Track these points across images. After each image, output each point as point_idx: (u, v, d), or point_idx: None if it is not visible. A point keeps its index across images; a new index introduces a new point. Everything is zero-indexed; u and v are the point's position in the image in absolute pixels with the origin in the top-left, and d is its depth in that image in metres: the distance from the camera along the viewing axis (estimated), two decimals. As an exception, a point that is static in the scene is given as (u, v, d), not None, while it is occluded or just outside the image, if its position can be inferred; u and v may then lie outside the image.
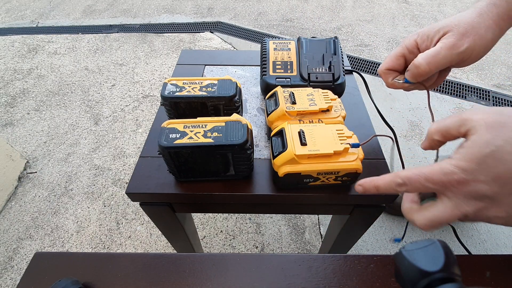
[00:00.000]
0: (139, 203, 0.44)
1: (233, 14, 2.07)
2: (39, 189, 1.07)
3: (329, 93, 0.44)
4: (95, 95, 1.45)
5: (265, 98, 0.49)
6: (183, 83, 0.43)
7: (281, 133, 0.38)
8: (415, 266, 0.17)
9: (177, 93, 0.41)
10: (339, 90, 0.50)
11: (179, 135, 0.35)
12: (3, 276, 0.86)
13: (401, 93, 1.43)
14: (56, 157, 1.17)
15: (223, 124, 0.36)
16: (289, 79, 0.50)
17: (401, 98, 1.40)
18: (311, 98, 0.42)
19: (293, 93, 0.43)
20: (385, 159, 0.45)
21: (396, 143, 0.44)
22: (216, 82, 0.43)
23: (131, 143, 1.22)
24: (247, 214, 0.99)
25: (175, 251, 0.73)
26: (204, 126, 0.36)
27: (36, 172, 1.12)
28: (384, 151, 0.47)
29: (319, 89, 0.44)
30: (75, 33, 1.90)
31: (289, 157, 0.35)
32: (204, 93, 0.41)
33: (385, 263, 0.32)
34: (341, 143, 0.36)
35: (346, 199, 0.42)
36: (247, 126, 0.37)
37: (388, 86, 0.41)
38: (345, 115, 0.43)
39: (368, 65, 1.61)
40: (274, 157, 0.38)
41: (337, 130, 0.38)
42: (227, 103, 0.42)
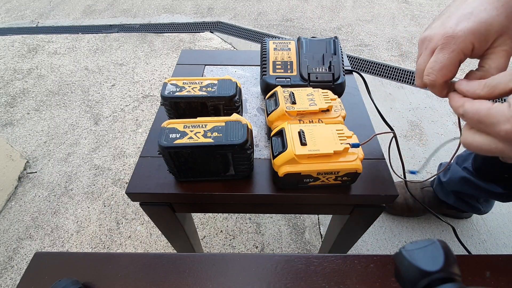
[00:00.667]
0: (139, 203, 0.44)
1: (233, 14, 2.07)
2: (39, 189, 1.07)
3: (329, 93, 0.44)
4: (95, 95, 1.45)
5: (265, 98, 0.49)
6: (183, 83, 0.43)
7: (281, 133, 0.38)
8: (415, 266, 0.17)
9: (177, 93, 0.41)
10: (339, 90, 0.50)
11: (179, 135, 0.35)
12: (3, 276, 0.86)
13: (401, 93, 1.43)
14: (56, 157, 1.17)
15: (223, 124, 0.36)
16: (289, 79, 0.50)
17: (401, 98, 1.40)
18: (311, 98, 0.42)
19: (293, 93, 0.43)
20: (385, 159, 0.45)
21: (396, 143, 0.44)
22: (216, 82, 0.43)
23: (131, 143, 1.22)
24: (247, 214, 0.99)
25: (175, 251, 0.73)
26: (204, 126, 0.36)
27: (36, 172, 1.12)
28: (384, 151, 0.47)
29: (319, 89, 0.44)
30: (75, 33, 1.90)
31: (289, 157, 0.35)
32: (204, 93, 0.41)
33: (385, 263, 0.32)
34: (341, 143, 0.36)
35: (346, 199, 0.42)
36: (247, 126, 0.37)
37: (441, 96, 0.34)
38: (345, 115, 0.43)
39: (368, 65, 1.61)
40: (274, 157, 0.38)
41: (337, 130, 0.38)
42: (227, 103, 0.42)
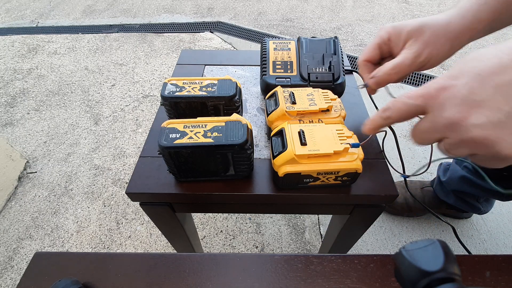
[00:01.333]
0: (139, 203, 0.44)
1: (233, 14, 2.07)
2: (39, 189, 1.07)
3: (329, 93, 0.44)
4: (95, 95, 1.45)
5: (265, 98, 0.49)
6: (183, 83, 0.43)
7: (281, 133, 0.38)
8: (415, 266, 0.17)
9: (177, 93, 0.41)
10: (339, 90, 0.50)
11: (179, 135, 0.35)
12: (3, 276, 0.86)
13: (401, 93, 1.42)
14: (56, 157, 1.17)
15: (223, 124, 0.36)
16: (289, 79, 0.50)
17: (401, 98, 1.41)
18: (311, 98, 0.42)
19: (293, 93, 0.43)
20: (385, 159, 0.45)
21: (396, 143, 0.44)
22: (216, 82, 0.43)
23: (131, 143, 1.22)
24: (247, 214, 0.99)
25: (175, 251, 0.73)
26: (204, 126, 0.36)
27: (36, 172, 1.12)
28: (385, 151, 0.46)
29: (319, 89, 0.44)
30: (75, 33, 1.90)
31: (289, 157, 0.35)
32: (204, 93, 0.41)
33: (385, 263, 0.32)
34: (341, 143, 0.36)
35: (346, 199, 0.42)
36: (247, 126, 0.37)
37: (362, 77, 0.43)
38: (345, 115, 0.43)
39: (368, 65, 1.61)
40: (274, 157, 0.38)
41: (337, 130, 0.38)
42: (227, 103, 0.42)
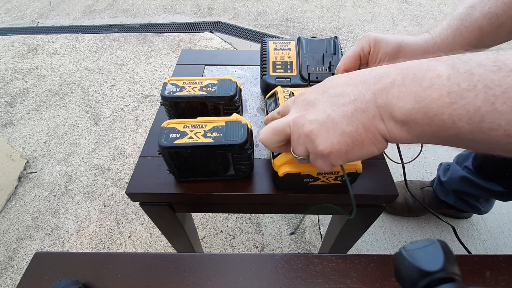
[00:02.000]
0: (139, 203, 0.44)
1: (233, 14, 2.07)
2: (39, 189, 1.07)
3: (329, 93, 0.44)
4: (95, 95, 1.45)
5: (265, 98, 0.49)
6: (183, 83, 0.43)
7: (281, 133, 0.38)
8: (415, 266, 0.17)
9: (177, 93, 0.41)
10: (339, 90, 0.50)
11: (179, 135, 0.35)
12: (3, 276, 0.86)
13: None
14: (56, 157, 1.17)
15: (223, 124, 0.36)
16: (289, 79, 0.50)
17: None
18: (311, 98, 0.42)
19: (293, 93, 0.43)
20: (385, 159, 0.45)
21: (396, 143, 0.44)
22: (216, 82, 0.43)
23: (131, 143, 1.22)
24: (247, 214, 0.99)
25: (175, 251, 0.73)
26: (204, 126, 0.36)
27: (36, 172, 1.12)
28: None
29: (319, 89, 0.44)
30: (75, 33, 1.90)
31: (289, 157, 0.35)
32: (204, 93, 0.41)
33: (385, 263, 0.32)
34: (341, 143, 0.36)
35: (346, 199, 0.42)
36: (247, 126, 0.37)
37: None
38: (345, 115, 0.43)
39: (368, 65, 1.61)
40: (274, 157, 0.38)
41: (337, 130, 0.38)
42: (227, 103, 0.42)
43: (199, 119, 0.37)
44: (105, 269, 0.32)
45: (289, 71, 0.51)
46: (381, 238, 0.92)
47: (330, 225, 0.67)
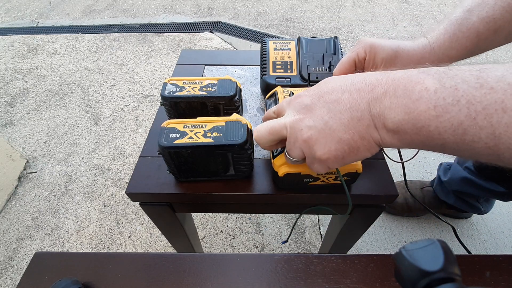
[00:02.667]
0: (139, 203, 0.44)
1: (233, 14, 2.07)
2: (39, 189, 1.07)
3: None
4: (95, 95, 1.45)
5: (265, 98, 0.49)
6: (183, 83, 0.43)
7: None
8: (415, 266, 0.17)
9: (177, 93, 0.41)
10: (339, 90, 0.50)
11: (179, 135, 0.35)
12: (3, 276, 0.86)
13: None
14: (56, 157, 1.17)
15: (223, 124, 0.36)
16: (289, 79, 0.50)
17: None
18: (311, 98, 0.42)
19: (293, 93, 0.43)
20: (385, 159, 0.45)
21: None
22: (216, 82, 0.43)
23: (131, 143, 1.22)
24: (247, 214, 0.99)
25: (175, 251, 0.73)
26: (204, 126, 0.36)
27: (36, 172, 1.12)
28: (385, 148, 0.46)
29: (319, 89, 0.44)
30: (75, 33, 1.90)
31: (289, 157, 0.35)
32: (204, 93, 0.41)
33: (385, 263, 0.32)
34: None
35: (346, 199, 0.42)
36: (247, 126, 0.37)
37: None
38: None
39: (368, 65, 1.61)
40: (274, 157, 0.38)
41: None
42: (227, 103, 0.42)
43: (199, 119, 0.37)
44: (105, 269, 0.32)
45: (289, 71, 0.51)
46: (381, 238, 0.92)
47: (330, 225, 0.67)
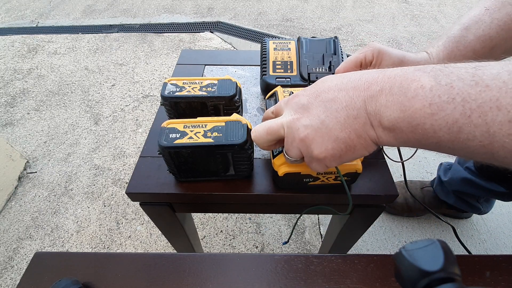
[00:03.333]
0: (139, 203, 0.44)
1: (233, 14, 2.07)
2: (39, 189, 1.07)
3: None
4: (95, 95, 1.45)
5: (265, 98, 0.49)
6: (183, 83, 0.43)
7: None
8: (415, 266, 0.17)
9: (177, 93, 0.41)
10: (339, 90, 0.50)
11: (179, 135, 0.35)
12: (3, 276, 0.86)
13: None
14: (56, 157, 1.17)
15: (223, 124, 0.36)
16: (289, 79, 0.50)
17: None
18: (311, 98, 0.42)
19: (293, 92, 0.43)
20: (385, 159, 0.45)
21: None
22: (216, 82, 0.43)
23: (131, 143, 1.22)
24: (247, 214, 0.99)
25: (175, 251, 0.73)
26: (204, 126, 0.36)
27: (36, 172, 1.12)
28: (384, 147, 0.46)
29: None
30: (75, 33, 1.90)
31: (289, 157, 0.35)
32: (204, 93, 0.41)
33: (385, 263, 0.32)
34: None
35: (345, 198, 0.42)
36: (247, 126, 0.37)
37: None
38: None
39: (368, 65, 1.60)
40: (274, 157, 0.38)
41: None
42: (227, 103, 0.42)
43: (199, 119, 0.37)
44: (105, 269, 0.32)
45: (289, 71, 0.51)
46: (381, 238, 0.92)
47: (330, 225, 0.67)
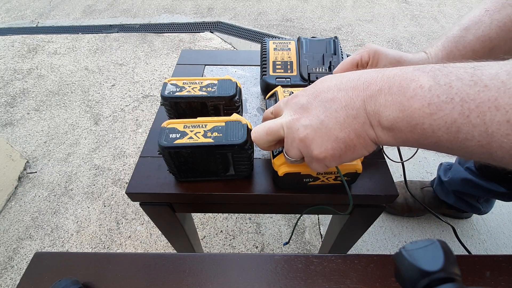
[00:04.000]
0: (139, 203, 0.44)
1: (233, 14, 2.07)
2: (39, 189, 1.07)
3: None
4: (95, 95, 1.45)
5: (265, 98, 0.49)
6: (183, 83, 0.43)
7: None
8: (415, 266, 0.17)
9: (177, 93, 0.41)
10: (339, 90, 0.50)
11: (179, 135, 0.35)
12: (3, 276, 0.86)
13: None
14: (56, 157, 1.17)
15: (223, 124, 0.36)
16: (289, 79, 0.50)
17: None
18: (311, 98, 0.42)
19: (293, 93, 0.43)
20: (385, 159, 0.45)
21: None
22: (216, 82, 0.43)
23: (131, 143, 1.22)
24: (247, 214, 0.99)
25: (175, 251, 0.73)
26: (204, 126, 0.36)
27: (36, 172, 1.12)
28: (384, 147, 0.46)
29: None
30: (75, 33, 1.90)
31: (289, 157, 0.35)
32: (204, 93, 0.41)
33: (385, 263, 0.32)
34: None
35: (345, 198, 0.42)
36: (247, 126, 0.37)
37: None
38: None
39: (368, 65, 1.60)
40: (274, 157, 0.38)
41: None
42: (227, 103, 0.42)
43: (199, 119, 0.37)
44: (105, 269, 0.32)
45: (289, 71, 0.51)
46: (381, 238, 0.92)
47: (330, 225, 0.67)
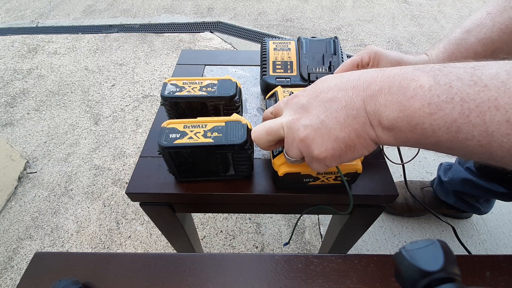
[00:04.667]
0: (139, 203, 0.44)
1: (233, 14, 2.07)
2: (39, 189, 1.07)
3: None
4: (95, 95, 1.45)
5: (265, 98, 0.49)
6: (183, 83, 0.43)
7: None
8: (415, 266, 0.17)
9: (177, 93, 0.41)
10: (339, 90, 0.50)
11: (179, 135, 0.35)
12: (3, 276, 0.86)
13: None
14: (56, 157, 1.17)
15: (223, 124, 0.36)
16: (289, 79, 0.50)
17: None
18: (311, 98, 0.43)
19: (293, 93, 0.43)
20: (385, 159, 0.45)
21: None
22: (216, 82, 0.43)
23: (131, 143, 1.22)
24: (247, 214, 0.99)
25: (175, 251, 0.73)
26: (204, 126, 0.36)
27: (36, 172, 1.12)
28: (385, 148, 0.46)
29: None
30: (75, 33, 1.90)
31: (289, 157, 0.35)
32: (204, 93, 0.41)
33: (385, 263, 0.32)
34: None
35: (345, 198, 0.42)
36: (247, 126, 0.37)
37: None
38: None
39: (368, 65, 1.60)
40: (274, 157, 0.38)
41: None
42: (227, 103, 0.42)
43: (199, 119, 0.37)
44: (105, 269, 0.32)
45: (289, 71, 0.51)
46: (381, 238, 0.92)
47: (330, 225, 0.67)
